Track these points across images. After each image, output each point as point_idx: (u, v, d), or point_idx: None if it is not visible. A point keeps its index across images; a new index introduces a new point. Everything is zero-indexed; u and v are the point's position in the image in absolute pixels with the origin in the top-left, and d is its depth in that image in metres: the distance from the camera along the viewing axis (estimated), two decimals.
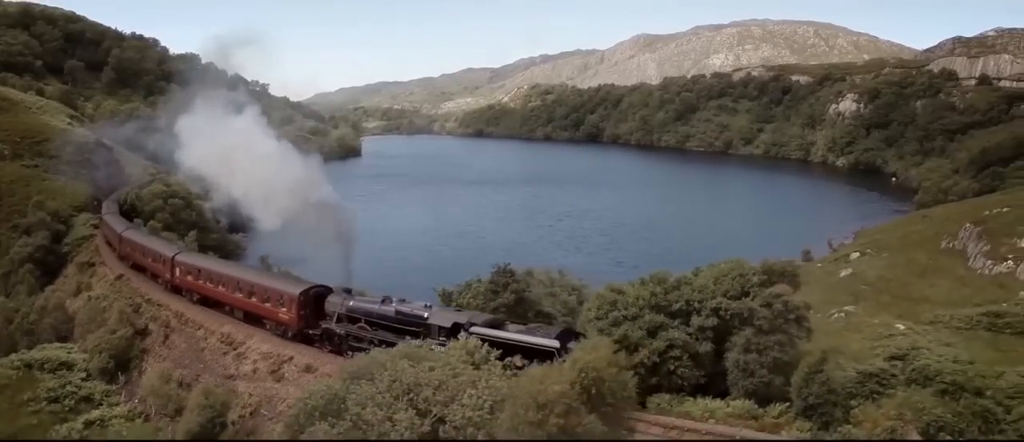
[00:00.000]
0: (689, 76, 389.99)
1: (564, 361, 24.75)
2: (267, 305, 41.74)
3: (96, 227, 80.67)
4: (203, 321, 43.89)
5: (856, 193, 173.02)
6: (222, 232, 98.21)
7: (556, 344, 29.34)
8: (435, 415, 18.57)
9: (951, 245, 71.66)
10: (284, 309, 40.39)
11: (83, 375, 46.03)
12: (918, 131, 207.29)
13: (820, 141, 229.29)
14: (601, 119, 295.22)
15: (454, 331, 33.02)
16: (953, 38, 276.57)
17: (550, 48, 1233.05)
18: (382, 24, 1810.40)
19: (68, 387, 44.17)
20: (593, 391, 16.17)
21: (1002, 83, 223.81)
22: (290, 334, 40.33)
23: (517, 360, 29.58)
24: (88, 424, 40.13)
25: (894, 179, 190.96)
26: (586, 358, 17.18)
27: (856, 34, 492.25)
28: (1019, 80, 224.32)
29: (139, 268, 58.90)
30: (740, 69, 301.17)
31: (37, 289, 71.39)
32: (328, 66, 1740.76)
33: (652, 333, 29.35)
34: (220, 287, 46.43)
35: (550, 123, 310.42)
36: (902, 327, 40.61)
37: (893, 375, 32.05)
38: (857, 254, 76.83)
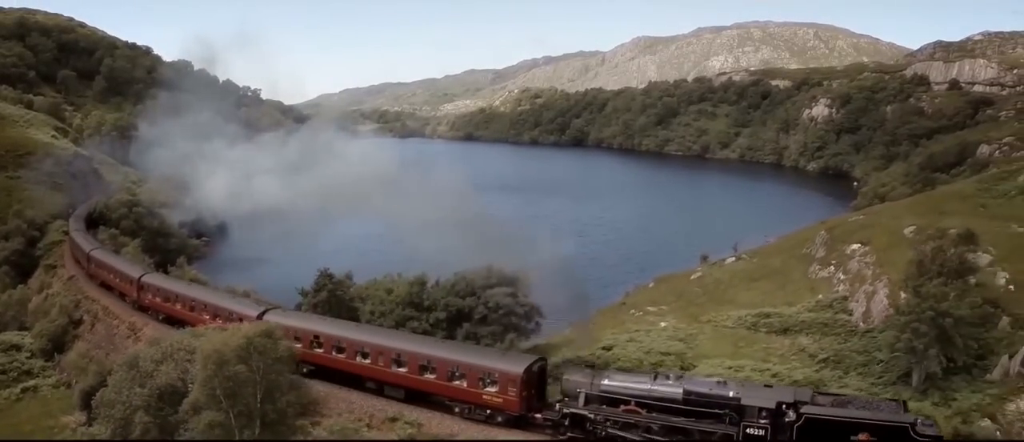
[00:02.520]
0: (689, 78, 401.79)
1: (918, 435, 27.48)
2: (460, 384, 36.02)
3: (66, 233, 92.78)
4: (119, 313, 56.63)
5: (813, 198, 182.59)
6: (182, 237, 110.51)
7: (910, 420, 28.34)
8: (184, 368, 31.04)
9: (807, 251, 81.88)
10: (495, 389, 35.13)
11: (28, 354, 59.15)
12: (886, 136, 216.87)
13: (792, 145, 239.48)
14: (586, 123, 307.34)
15: (780, 413, 29.84)
16: (934, 42, 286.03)
17: (553, 50, 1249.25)
18: (387, 25, 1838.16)
19: (14, 363, 57.41)
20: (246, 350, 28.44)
21: (975, 87, 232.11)
22: (501, 419, 35.20)
23: (862, 437, 28.20)
24: (24, 390, 53.14)
25: (855, 184, 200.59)
26: (245, 331, 29.58)
27: (857, 36, 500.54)
28: (992, 84, 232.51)
29: (178, 321, 51.57)
30: (723, 73, 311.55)
31: (11, 287, 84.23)
32: (333, 67, 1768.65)
33: (401, 323, 41.55)
34: (368, 359, 39.50)
35: (537, 127, 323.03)
36: (664, 324, 51.96)
37: (590, 363, 43.76)
38: (732, 259, 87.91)
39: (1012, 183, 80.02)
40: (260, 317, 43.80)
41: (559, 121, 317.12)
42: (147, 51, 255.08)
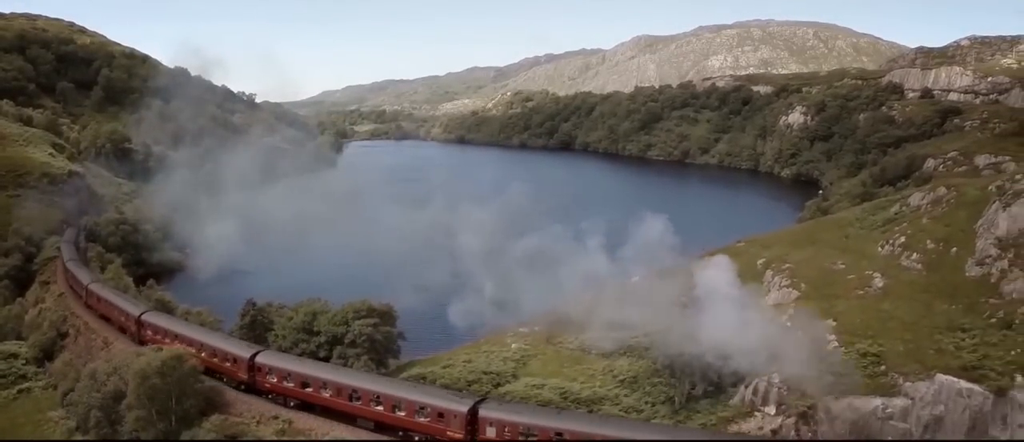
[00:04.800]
0: (688, 77, 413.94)
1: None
2: None
3: (59, 249, 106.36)
4: (97, 328, 71.15)
5: (774, 207, 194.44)
6: (165, 250, 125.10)
7: None
8: (126, 379, 45.63)
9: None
10: None
11: (23, 361, 73.96)
12: (856, 144, 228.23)
13: (768, 152, 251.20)
14: (574, 127, 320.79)
15: None
16: (916, 48, 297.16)
17: (555, 47, 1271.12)
18: (391, 19, 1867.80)
19: (12, 369, 72.22)
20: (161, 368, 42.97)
21: (950, 95, 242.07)
22: None
23: None
24: (20, 391, 67.96)
25: (820, 192, 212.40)
26: (161, 356, 44.09)
27: (858, 35, 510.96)
28: (966, 92, 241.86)
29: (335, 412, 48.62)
30: (708, 78, 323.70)
31: (11, 300, 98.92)
32: (336, 62, 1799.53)
33: (296, 344, 55.89)
34: None
35: (526, 130, 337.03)
36: (514, 346, 65.37)
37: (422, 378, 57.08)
38: (636, 278, 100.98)
39: (884, 214, 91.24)
40: (471, 412, 42.64)
41: (548, 125, 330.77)
42: (144, 59, 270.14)
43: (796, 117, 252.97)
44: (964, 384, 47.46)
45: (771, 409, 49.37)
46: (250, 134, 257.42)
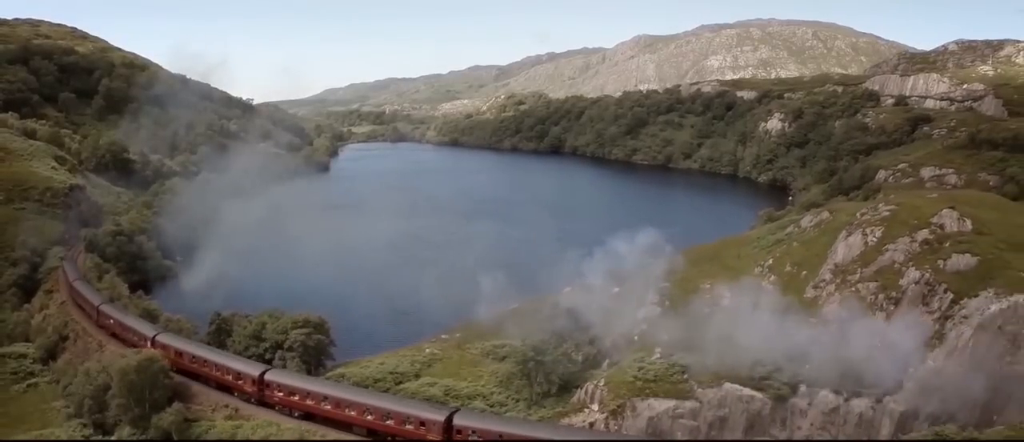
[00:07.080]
0: (687, 78, 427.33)
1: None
2: None
3: (62, 258, 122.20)
4: (93, 334, 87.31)
5: (739, 212, 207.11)
6: (157, 258, 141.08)
7: None
8: (111, 375, 61.73)
9: None
10: None
11: (31, 360, 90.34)
12: (829, 151, 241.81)
13: (747, 157, 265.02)
14: (564, 131, 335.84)
15: None
16: (898, 53, 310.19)
17: (557, 47, 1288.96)
18: (394, 17, 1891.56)
19: (22, 366, 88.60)
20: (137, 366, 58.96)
21: (927, 102, 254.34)
22: None
23: None
24: (29, 386, 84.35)
25: (790, 198, 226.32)
26: (137, 357, 59.95)
27: (858, 35, 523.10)
28: (942, 99, 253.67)
29: None
30: (695, 83, 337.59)
31: (18, 307, 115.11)
32: (339, 60, 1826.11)
33: (245, 349, 71.72)
34: None
35: (518, 134, 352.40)
36: (429, 350, 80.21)
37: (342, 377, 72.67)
38: (568, 289, 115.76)
39: (779, 234, 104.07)
40: None
41: (538, 128, 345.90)
42: (143, 67, 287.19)
43: (774, 123, 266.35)
44: (747, 391, 62.36)
45: (595, 406, 64.42)
46: (245, 140, 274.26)
